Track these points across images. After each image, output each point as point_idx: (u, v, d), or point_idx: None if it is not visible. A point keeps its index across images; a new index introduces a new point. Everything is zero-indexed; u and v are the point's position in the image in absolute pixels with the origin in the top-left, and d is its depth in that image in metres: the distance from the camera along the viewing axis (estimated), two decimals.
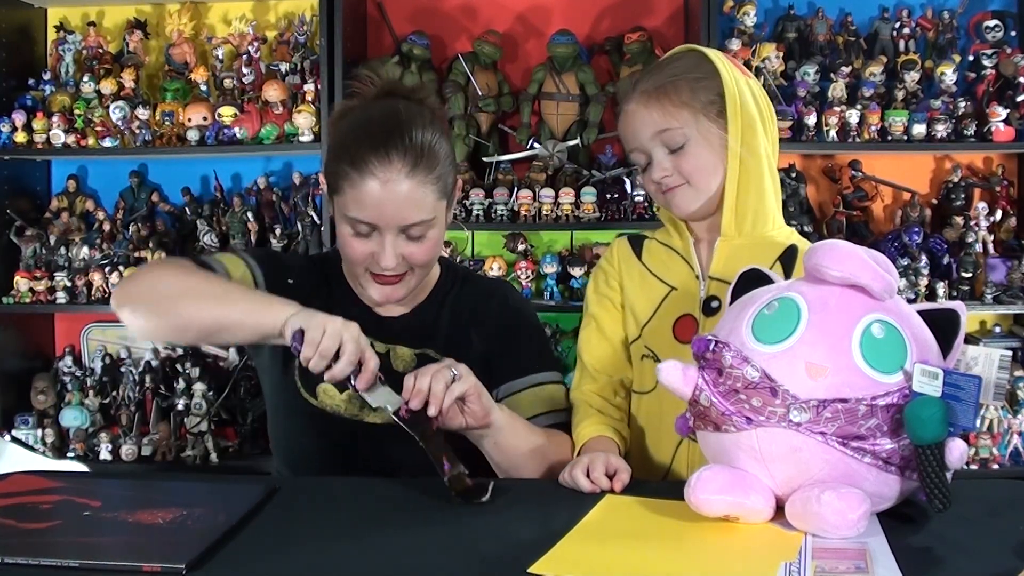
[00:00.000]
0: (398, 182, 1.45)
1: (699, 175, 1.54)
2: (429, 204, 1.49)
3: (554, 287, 3.03)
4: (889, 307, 1.21)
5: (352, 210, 1.48)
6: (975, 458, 2.91)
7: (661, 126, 1.53)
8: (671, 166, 1.54)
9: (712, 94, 1.53)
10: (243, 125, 3.05)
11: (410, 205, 1.47)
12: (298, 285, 1.58)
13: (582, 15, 3.21)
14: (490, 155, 3.11)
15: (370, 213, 1.47)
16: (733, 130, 1.53)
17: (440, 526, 1.23)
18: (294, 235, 3.12)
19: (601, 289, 1.67)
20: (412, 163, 1.46)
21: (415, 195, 1.47)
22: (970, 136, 2.91)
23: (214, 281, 1.47)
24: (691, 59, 1.58)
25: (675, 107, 1.52)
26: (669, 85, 1.54)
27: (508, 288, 1.76)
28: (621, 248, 1.68)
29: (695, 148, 1.53)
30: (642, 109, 1.55)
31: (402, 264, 1.51)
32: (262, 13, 3.30)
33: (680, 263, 1.60)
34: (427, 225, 1.50)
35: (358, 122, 1.52)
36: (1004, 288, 2.95)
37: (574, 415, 1.60)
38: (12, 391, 3.21)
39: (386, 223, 1.47)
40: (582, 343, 1.67)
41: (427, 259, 1.54)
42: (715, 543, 1.15)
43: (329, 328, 1.32)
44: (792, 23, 3.08)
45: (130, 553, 1.12)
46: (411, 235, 1.49)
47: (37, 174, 3.35)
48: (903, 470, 1.16)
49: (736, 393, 1.19)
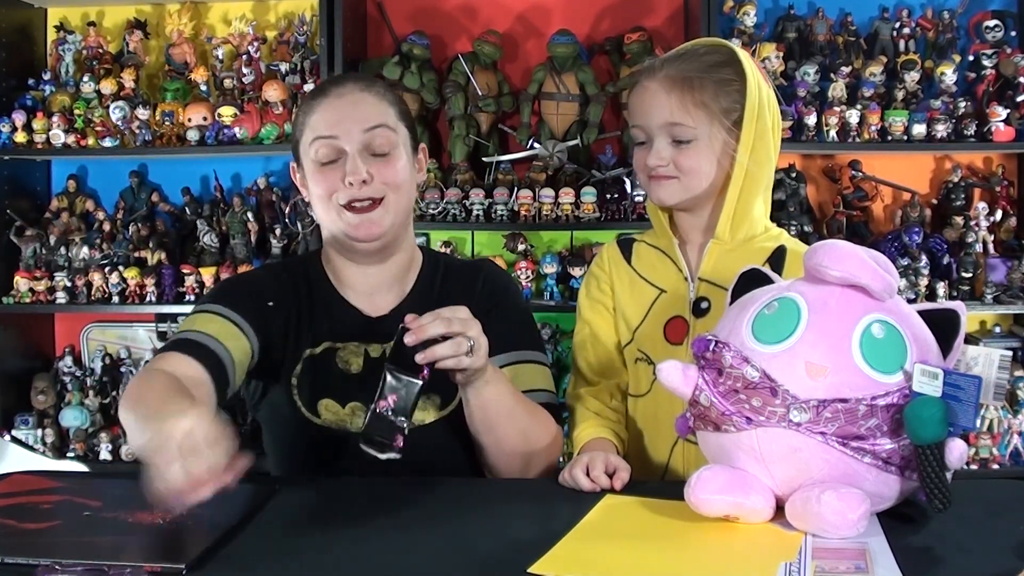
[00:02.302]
0: (353, 92, 1.54)
1: (693, 174, 1.54)
2: (388, 113, 1.54)
3: (554, 287, 3.03)
4: (889, 307, 1.21)
5: (313, 133, 1.52)
6: (975, 458, 2.91)
7: (675, 119, 1.52)
8: (669, 157, 1.53)
9: (734, 101, 1.52)
10: (243, 125, 3.05)
11: (367, 108, 1.53)
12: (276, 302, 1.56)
13: (582, 15, 3.21)
14: (490, 155, 3.11)
15: (329, 125, 1.51)
16: (745, 140, 1.52)
17: (440, 526, 1.23)
18: (294, 235, 3.12)
19: (593, 294, 1.67)
20: (366, 83, 1.56)
21: (371, 100, 1.54)
22: (970, 136, 2.90)
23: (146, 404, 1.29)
24: (723, 57, 1.55)
25: (694, 105, 1.51)
26: (696, 79, 1.52)
27: (491, 265, 1.73)
28: (611, 252, 1.68)
29: (699, 149, 1.52)
30: (661, 93, 1.53)
31: (374, 185, 1.51)
32: (262, 13, 3.30)
33: (668, 265, 1.61)
34: (389, 138, 1.53)
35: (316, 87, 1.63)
36: (1004, 288, 2.95)
37: (571, 418, 1.60)
38: (12, 391, 3.21)
39: (347, 132, 1.51)
40: (577, 348, 1.67)
41: (395, 179, 1.53)
42: (715, 543, 1.15)
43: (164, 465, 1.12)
44: (792, 23, 3.08)
45: (130, 553, 1.12)
46: (375, 150, 1.52)
47: (37, 174, 3.35)
48: (903, 470, 1.16)
49: (736, 393, 1.19)
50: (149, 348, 3.30)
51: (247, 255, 3.12)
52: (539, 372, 1.59)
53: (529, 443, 1.48)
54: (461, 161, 3.06)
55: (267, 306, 1.55)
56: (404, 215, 1.57)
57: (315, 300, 1.59)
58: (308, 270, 1.63)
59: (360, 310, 1.59)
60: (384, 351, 1.55)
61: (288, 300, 1.58)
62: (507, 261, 3.08)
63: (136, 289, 3.09)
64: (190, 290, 3.08)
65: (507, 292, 1.67)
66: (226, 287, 1.63)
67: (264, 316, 1.54)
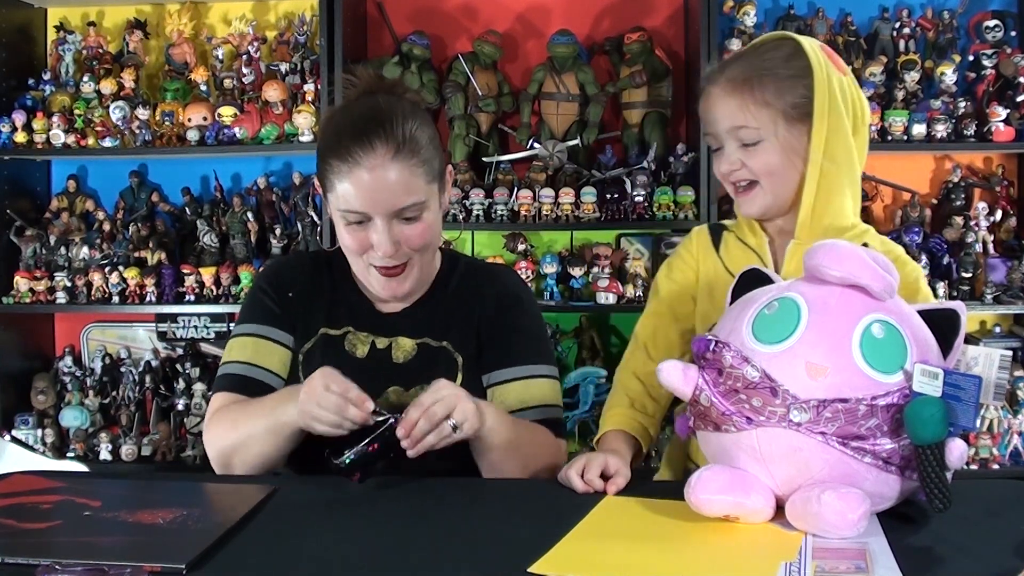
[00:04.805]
0: (384, 167, 1.48)
1: (768, 176, 1.50)
2: (418, 186, 1.51)
3: (554, 287, 3.03)
4: (889, 307, 1.21)
5: (343, 203, 1.51)
6: (975, 458, 2.91)
7: (738, 122, 1.49)
8: (739, 160, 1.50)
9: (799, 95, 1.47)
10: (243, 125, 3.05)
11: (399, 188, 1.49)
12: (297, 293, 1.64)
13: (582, 15, 3.21)
14: (490, 155, 3.11)
15: (361, 202, 1.49)
16: (817, 136, 1.47)
17: (440, 526, 1.23)
18: (294, 235, 3.12)
19: (675, 275, 1.63)
20: (395, 148, 1.49)
21: (402, 177, 1.49)
22: (970, 136, 2.91)
23: (239, 426, 1.52)
24: (786, 51, 1.50)
25: (756, 105, 1.47)
26: (755, 79, 1.48)
27: (511, 274, 1.76)
28: (701, 238, 1.64)
29: (768, 149, 1.49)
30: (724, 98, 1.50)
31: (401, 251, 1.53)
32: (262, 13, 3.30)
33: (756, 262, 1.54)
34: (419, 207, 1.52)
35: (341, 121, 1.55)
36: (1004, 288, 2.95)
37: (610, 396, 1.59)
38: (12, 391, 3.21)
39: (377, 210, 1.49)
40: (643, 325, 1.63)
41: (423, 242, 1.54)
42: (715, 543, 1.15)
43: (317, 415, 1.37)
44: (792, 23, 3.07)
45: (130, 553, 1.12)
46: (405, 217, 1.52)
47: (37, 174, 3.35)
48: (903, 470, 1.16)
49: (736, 393, 1.19)
50: (149, 348, 3.30)
51: (247, 255, 3.12)
52: (548, 387, 1.61)
53: (528, 469, 1.51)
54: (461, 161, 3.06)
55: (288, 297, 1.64)
56: (430, 264, 1.62)
57: (336, 289, 1.66)
58: (332, 264, 1.68)
59: (373, 304, 1.65)
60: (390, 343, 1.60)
61: (309, 283, 1.66)
62: (507, 261, 3.09)
63: (136, 289, 3.09)
64: (190, 290, 3.08)
65: (519, 302, 1.67)
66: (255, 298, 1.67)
67: (289, 308, 1.63)
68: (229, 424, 1.53)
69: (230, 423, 1.53)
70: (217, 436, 1.55)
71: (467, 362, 1.59)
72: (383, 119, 1.50)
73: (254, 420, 1.50)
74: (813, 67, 1.47)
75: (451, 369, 1.58)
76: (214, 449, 1.55)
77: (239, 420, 1.52)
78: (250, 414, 1.52)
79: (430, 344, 1.60)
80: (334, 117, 1.60)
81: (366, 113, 1.53)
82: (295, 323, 1.63)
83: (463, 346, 1.60)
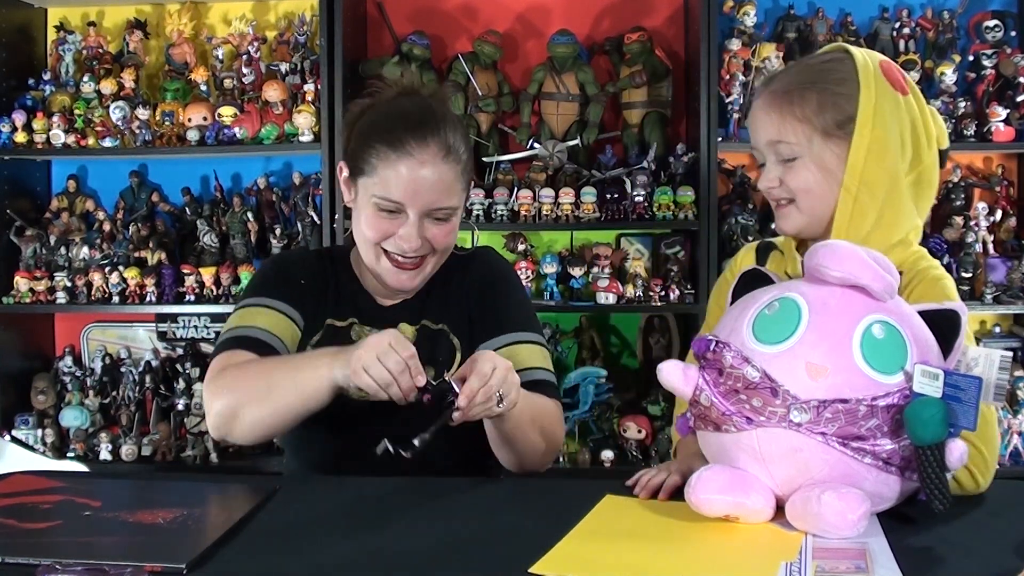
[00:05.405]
0: (434, 165, 1.52)
1: (805, 195, 1.45)
2: (456, 191, 1.56)
3: (554, 287, 3.03)
4: (890, 307, 1.21)
5: (381, 189, 1.52)
6: None
7: (774, 136, 1.45)
8: (777, 177, 1.46)
9: (843, 113, 1.41)
10: (243, 125, 3.05)
11: (441, 188, 1.53)
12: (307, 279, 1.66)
13: (582, 15, 3.21)
14: (490, 155, 3.11)
15: (401, 193, 1.52)
16: (854, 157, 1.41)
17: (440, 526, 1.23)
18: (294, 235, 3.12)
19: (720, 299, 1.55)
20: (446, 151, 1.53)
21: (446, 180, 1.53)
22: (970, 136, 2.91)
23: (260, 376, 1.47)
24: (836, 64, 1.45)
25: (795, 120, 1.42)
26: (796, 93, 1.43)
27: (487, 252, 1.78)
28: (747, 259, 1.60)
29: (804, 166, 1.44)
30: (765, 110, 1.45)
31: (424, 246, 1.55)
32: (262, 13, 3.30)
33: None
34: (451, 211, 1.56)
35: (390, 111, 1.58)
36: (1004, 288, 2.95)
37: (676, 407, 1.54)
38: (12, 391, 3.21)
39: (415, 204, 1.52)
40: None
41: (447, 244, 1.59)
42: (715, 543, 1.15)
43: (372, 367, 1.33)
44: (792, 23, 3.08)
45: (130, 553, 1.12)
46: (436, 217, 1.55)
47: (37, 174, 3.35)
48: (903, 470, 1.16)
49: (736, 393, 1.19)
50: (149, 348, 3.30)
51: (247, 255, 3.12)
52: (536, 352, 1.62)
53: (545, 435, 1.53)
54: None
55: (300, 283, 1.65)
56: (438, 265, 1.64)
57: (339, 283, 1.68)
58: (336, 259, 1.71)
59: (374, 298, 1.68)
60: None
61: (317, 277, 1.67)
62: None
63: (136, 289, 3.09)
64: (190, 290, 3.08)
65: (502, 276, 1.71)
66: (266, 276, 1.68)
67: (300, 293, 1.64)
68: (239, 375, 1.47)
69: (241, 375, 1.47)
70: (224, 389, 1.47)
71: (463, 345, 1.62)
72: (439, 120, 1.55)
73: (275, 374, 1.45)
74: (860, 83, 1.41)
75: (450, 351, 1.61)
76: (220, 404, 1.47)
77: (253, 373, 1.47)
78: (269, 369, 1.47)
79: (429, 327, 1.63)
80: (373, 109, 1.60)
81: (422, 110, 1.56)
82: (304, 308, 1.63)
83: (458, 329, 1.63)
